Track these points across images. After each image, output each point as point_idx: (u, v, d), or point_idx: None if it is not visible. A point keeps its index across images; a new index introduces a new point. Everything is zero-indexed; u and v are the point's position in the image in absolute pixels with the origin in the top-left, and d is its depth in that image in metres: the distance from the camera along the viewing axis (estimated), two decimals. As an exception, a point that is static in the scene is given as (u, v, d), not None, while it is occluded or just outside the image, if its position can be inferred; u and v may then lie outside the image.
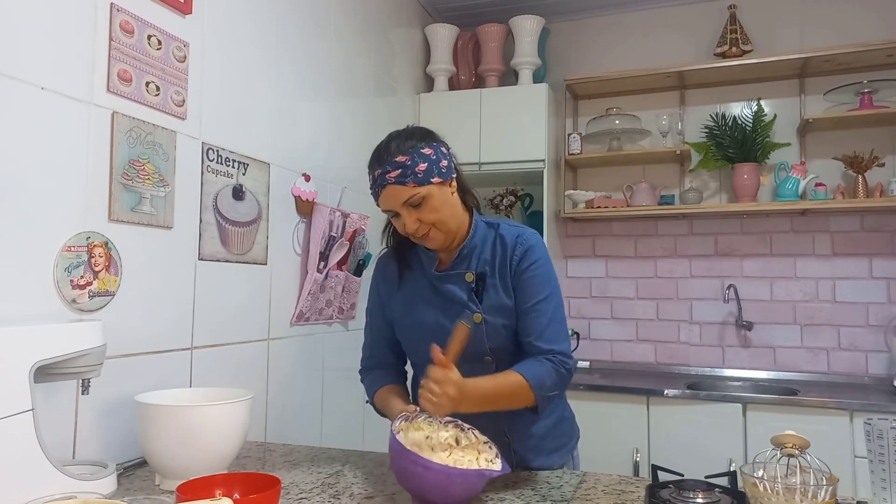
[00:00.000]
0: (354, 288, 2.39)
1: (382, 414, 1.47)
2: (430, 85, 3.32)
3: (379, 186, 1.33)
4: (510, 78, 3.26)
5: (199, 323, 1.69)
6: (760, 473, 1.02)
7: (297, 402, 2.12)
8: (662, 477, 1.21)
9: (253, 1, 1.94)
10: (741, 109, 3.12)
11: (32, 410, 1.11)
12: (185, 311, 1.66)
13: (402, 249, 1.49)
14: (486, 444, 1.21)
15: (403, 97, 3.06)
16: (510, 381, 1.29)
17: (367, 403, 1.53)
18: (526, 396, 1.30)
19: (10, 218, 1.22)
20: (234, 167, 1.83)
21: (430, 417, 1.23)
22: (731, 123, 3.06)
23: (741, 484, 1.07)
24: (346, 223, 2.31)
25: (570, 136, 3.23)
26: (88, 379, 1.27)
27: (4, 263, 1.21)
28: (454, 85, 3.36)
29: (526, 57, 3.17)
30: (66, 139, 1.33)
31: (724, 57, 3.05)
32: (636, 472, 2.63)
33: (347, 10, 2.50)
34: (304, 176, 2.14)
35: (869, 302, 2.94)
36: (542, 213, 3.05)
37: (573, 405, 1.59)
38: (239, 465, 1.42)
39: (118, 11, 1.45)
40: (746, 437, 2.53)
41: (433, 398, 1.18)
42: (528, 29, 3.17)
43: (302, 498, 1.18)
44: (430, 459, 1.09)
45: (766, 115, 3.04)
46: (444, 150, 1.37)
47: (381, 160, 1.32)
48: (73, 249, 1.33)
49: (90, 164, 1.39)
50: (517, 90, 3.13)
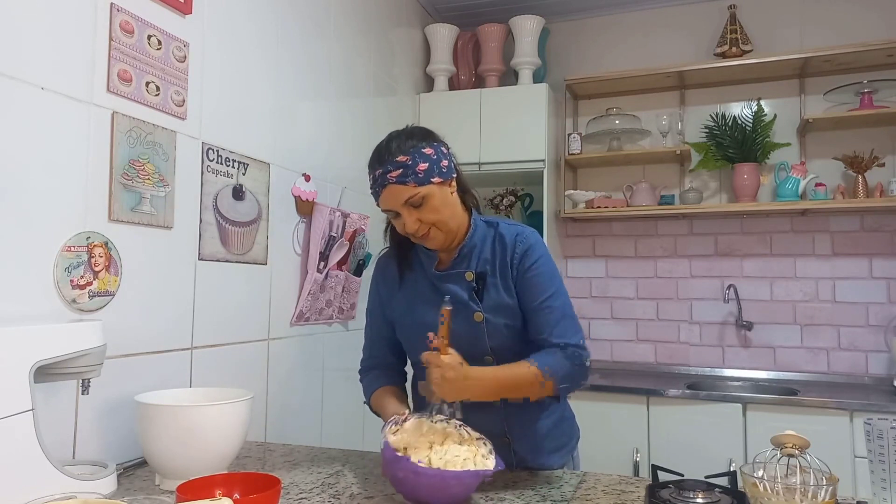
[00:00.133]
0: (354, 288, 2.39)
1: (378, 415, 1.47)
2: (430, 85, 3.32)
3: (379, 186, 1.33)
4: (510, 78, 3.26)
5: (199, 323, 1.69)
6: (760, 473, 1.02)
7: (297, 402, 2.12)
8: (662, 477, 1.21)
9: (253, 1, 1.94)
10: (741, 109, 3.12)
11: (32, 410, 1.11)
12: (185, 311, 1.66)
13: (402, 249, 1.49)
14: (479, 440, 1.20)
15: (403, 97, 3.06)
16: (521, 369, 1.30)
17: (364, 404, 1.54)
18: (537, 385, 1.29)
19: (10, 218, 1.22)
20: (234, 167, 1.83)
21: (421, 417, 1.23)
22: (731, 123, 3.06)
23: (741, 484, 1.07)
24: (346, 223, 2.31)
25: (570, 136, 3.23)
26: (88, 379, 1.27)
27: (4, 263, 1.21)
28: (454, 85, 3.36)
29: (526, 57, 3.17)
30: (66, 139, 1.33)
31: (724, 57, 3.05)
32: (636, 472, 2.63)
33: (347, 10, 2.50)
34: (304, 176, 2.14)
35: (869, 302, 2.95)
36: (542, 213, 3.05)
37: (573, 405, 1.59)
38: (239, 465, 1.42)
39: (118, 11, 1.45)
40: (746, 437, 2.53)
41: (432, 383, 1.21)
42: (528, 29, 3.17)
43: (302, 498, 1.18)
44: (421, 464, 1.09)
45: (766, 115, 3.04)
46: (444, 149, 1.37)
47: (381, 160, 1.32)
48: (73, 249, 1.33)
49: (90, 164, 1.39)
50: (517, 90, 3.13)
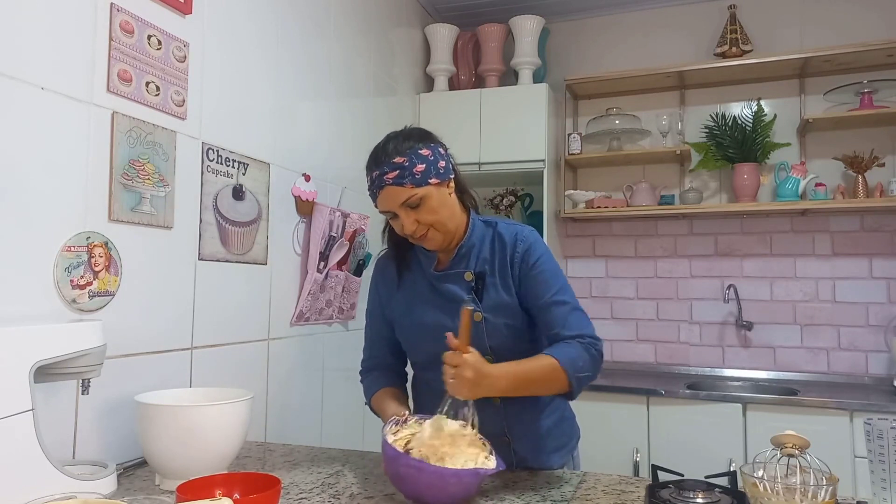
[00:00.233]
0: (354, 288, 2.39)
1: (378, 416, 1.47)
2: (430, 85, 3.32)
3: (377, 188, 1.33)
4: (510, 78, 3.26)
5: (199, 323, 1.69)
6: (760, 473, 1.02)
7: (297, 402, 2.12)
8: (662, 477, 1.21)
9: (253, 1, 1.94)
10: (741, 109, 3.12)
11: (32, 410, 1.11)
12: (185, 311, 1.66)
13: (400, 250, 1.49)
14: (480, 440, 1.20)
15: (403, 97, 3.06)
16: (541, 363, 1.27)
17: (365, 405, 1.54)
18: (558, 379, 1.27)
19: (10, 218, 1.22)
20: (234, 167, 1.83)
21: (421, 419, 1.23)
22: (731, 123, 3.06)
23: (741, 484, 1.07)
24: (346, 223, 2.31)
25: (570, 136, 3.23)
26: (88, 379, 1.27)
27: (4, 263, 1.21)
28: (454, 85, 3.36)
29: (526, 57, 3.17)
30: (66, 139, 1.33)
31: (724, 57, 3.05)
32: (636, 472, 2.63)
33: (347, 10, 2.50)
34: (304, 176, 2.14)
35: (869, 302, 2.94)
36: (542, 213, 3.05)
37: (573, 405, 1.59)
38: (239, 465, 1.42)
39: (118, 11, 1.45)
40: (746, 437, 2.53)
41: (451, 381, 1.19)
42: (528, 29, 3.17)
43: (302, 498, 1.18)
44: (423, 461, 1.09)
45: (766, 115, 3.04)
46: (441, 150, 1.37)
47: (378, 161, 1.32)
48: (73, 249, 1.33)
49: (90, 164, 1.39)
50: (517, 90, 3.13)
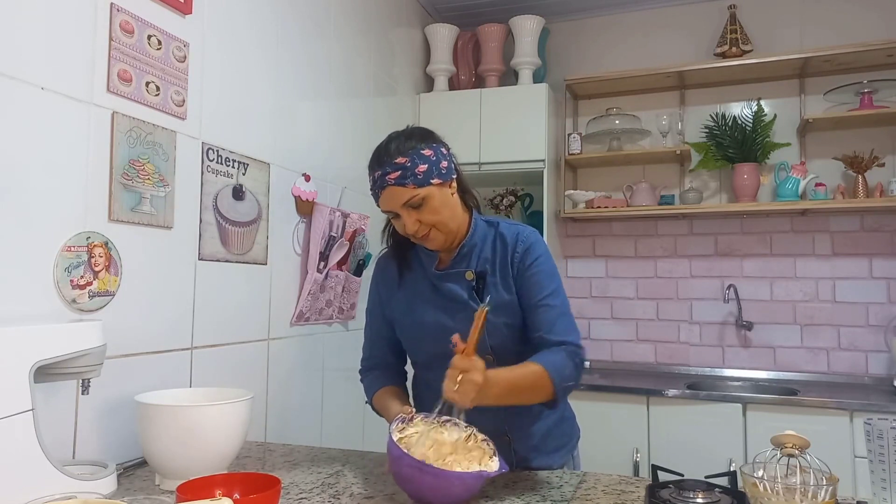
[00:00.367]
0: (354, 288, 2.39)
1: (381, 415, 1.47)
2: (430, 85, 3.32)
3: (379, 188, 1.33)
4: (510, 78, 3.26)
5: (199, 323, 1.69)
6: (760, 473, 1.02)
7: (297, 402, 2.12)
8: (662, 477, 1.21)
9: (253, 1, 1.94)
10: (741, 109, 3.12)
11: (32, 410, 1.11)
12: (185, 311, 1.66)
13: (401, 249, 1.49)
14: (484, 441, 1.20)
15: (403, 97, 3.06)
16: (530, 371, 1.27)
17: (366, 404, 1.54)
18: (545, 387, 1.27)
19: (10, 218, 1.22)
20: (234, 167, 1.83)
21: (427, 417, 1.23)
22: (731, 123, 3.06)
23: (741, 484, 1.07)
24: (346, 223, 2.31)
25: (570, 136, 3.23)
26: (88, 379, 1.27)
27: (4, 263, 1.21)
28: (454, 85, 3.36)
29: (526, 57, 3.17)
30: (66, 139, 1.33)
31: (724, 57, 3.05)
32: (636, 472, 2.63)
33: (347, 10, 2.50)
34: (304, 176, 2.14)
35: (869, 302, 2.94)
36: (542, 213, 3.05)
37: (573, 405, 1.59)
38: (239, 465, 1.42)
39: (118, 11, 1.45)
40: (746, 437, 2.53)
41: (456, 386, 1.15)
42: (528, 29, 3.17)
43: (302, 498, 1.18)
44: (427, 463, 1.09)
45: (766, 115, 3.04)
46: (443, 150, 1.37)
47: (380, 161, 1.32)
48: (73, 249, 1.33)
49: (90, 164, 1.39)
50: (517, 90, 3.13)
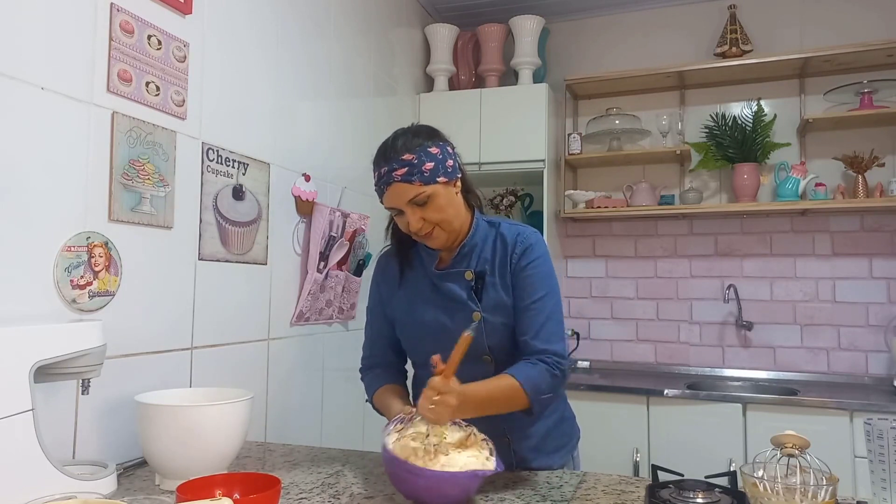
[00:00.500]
0: (354, 288, 2.39)
1: (382, 413, 1.47)
2: (430, 85, 3.32)
3: (384, 184, 1.32)
4: (510, 78, 3.26)
5: (199, 323, 1.69)
6: (760, 473, 1.02)
7: (297, 402, 2.12)
8: (662, 477, 1.21)
9: (253, 1, 1.94)
10: (741, 109, 3.12)
11: (32, 410, 1.11)
12: (185, 311, 1.66)
13: (403, 247, 1.48)
14: (483, 440, 1.20)
15: (403, 97, 3.06)
16: (505, 384, 1.27)
17: (366, 402, 1.54)
18: (520, 400, 1.28)
19: (10, 218, 1.22)
20: (234, 167, 1.83)
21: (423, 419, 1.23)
22: (731, 123, 3.06)
23: (741, 484, 1.07)
24: (346, 223, 2.31)
25: (570, 136, 3.23)
26: (88, 379, 1.27)
27: (4, 263, 1.21)
28: (454, 85, 3.36)
29: (526, 57, 3.17)
30: (66, 139, 1.33)
31: (724, 57, 3.05)
32: (636, 472, 2.63)
33: (347, 10, 2.50)
34: (304, 176, 2.14)
35: (869, 302, 2.94)
36: (542, 213, 3.05)
37: (573, 405, 1.59)
38: (239, 465, 1.42)
39: (118, 11, 1.45)
40: (746, 437, 2.53)
41: (431, 406, 1.16)
42: (528, 29, 3.17)
43: (302, 498, 1.18)
44: (418, 466, 1.09)
45: (766, 115, 3.04)
46: (449, 149, 1.36)
47: (387, 157, 1.31)
48: (73, 249, 1.33)
49: (90, 164, 1.39)
50: (517, 90, 3.13)
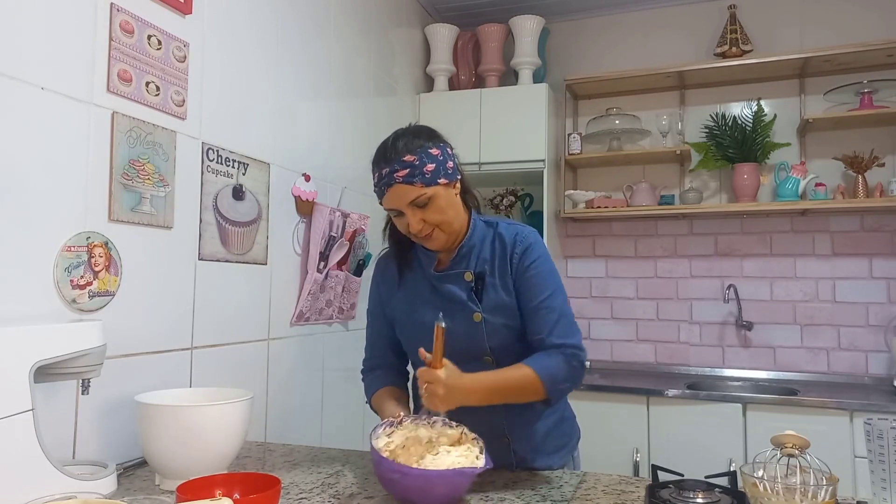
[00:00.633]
0: (354, 288, 2.39)
1: (378, 415, 1.47)
2: (430, 85, 3.32)
3: (385, 185, 1.32)
4: (510, 78, 3.26)
5: (199, 323, 1.69)
6: (760, 473, 1.02)
7: (297, 402, 2.12)
8: (662, 477, 1.21)
9: (253, 1, 1.94)
10: (741, 109, 3.12)
11: (32, 410, 1.11)
12: (185, 311, 1.66)
13: (402, 248, 1.48)
14: (474, 439, 1.20)
15: (403, 97, 3.06)
16: (518, 373, 1.29)
17: (366, 403, 1.54)
18: (535, 388, 1.28)
19: (10, 218, 1.22)
20: (234, 167, 1.83)
21: (416, 419, 1.24)
22: (731, 123, 3.06)
23: (741, 484, 1.07)
24: (346, 223, 2.31)
25: (570, 136, 3.23)
26: (88, 379, 1.27)
27: (4, 263, 1.21)
28: (454, 85, 3.36)
29: (526, 57, 3.17)
30: (66, 139, 1.33)
31: (724, 57, 3.05)
32: (636, 472, 2.63)
33: (347, 10, 2.50)
34: (304, 176, 2.14)
35: (869, 302, 2.94)
36: (542, 213, 3.05)
37: (573, 405, 1.59)
38: (239, 465, 1.42)
39: (118, 11, 1.45)
40: (746, 437, 2.53)
41: (426, 397, 1.22)
42: (528, 29, 3.17)
43: (302, 498, 1.18)
44: (405, 465, 1.10)
45: (766, 115, 3.04)
46: (449, 150, 1.37)
47: (388, 158, 1.31)
48: (73, 249, 1.33)
49: (90, 164, 1.39)
50: (517, 90, 3.13)
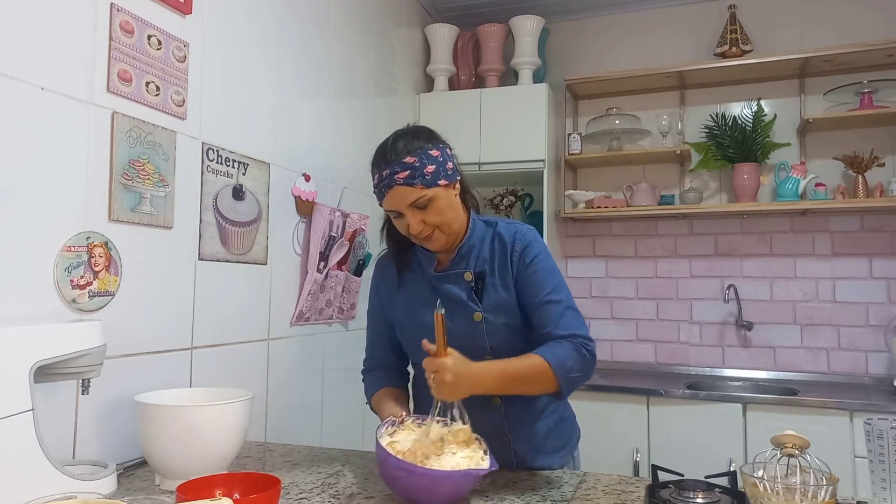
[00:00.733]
0: (354, 288, 2.39)
1: (378, 416, 1.47)
2: (430, 85, 3.31)
3: (385, 186, 1.31)
4: (510, 78, 3.26)
5: (199, 323, 1.69)
6: (760, 473, 1.02)
7: (297, 402, 2.12)
8: (662, 477, 1.21)
9: (253, 1, 1.94)
10: (741, 109, 3.12)
11: (32, 410, 1.11)
12: (185, 311, 1.66)
13: (401, 249, 1.48)
14: (476, 440, 1.20)
15: (403, 97, 3.06)
16: (531, 362, 1.27)
17: (366, 404, 1.54)
18: (547, 377, 1.26)
19: (10, 218, 1.22)
20: (234, 167, 1.83)
21: (417, 419, 1.23)
22: (731, 123, 3.06)
23: (741, 484, 1.07)
24: (346, 223, 2.31)
25: (570, 136, 3.23)
26: (88, 379, 1.27)
27: (4, 263, 1.21)
28: (454, 85, 3.36)
29: (526, 57, 3.17)
30: (66, 139, 1.33)
31: (724, 57, 3.05)
32: (636, 472, 2.63)
33: (347, 10, 2.50)
34: (304, 176, 2.14)
35: (869, 302, 2.94)
36: (542, 213, 3.05)
37: (573, 405, 1.59)
38: (239, 465, 1.42)
39: (118, 11, 1.45)
40: (746, 437, 2.53)
41: (434, 386, 1.19)
42: (528, 29, 3.17)
43: (302, 498, 1.18)
44: (412, 463, 1.10)
45: (766, 115, 3.04)
46: (448, 151, 1.37)
47: (388, 160, 1.31)
48: (73, 249, 1.33)
49: (90, 164, 1.39)
50: (517, 90, 3.13)
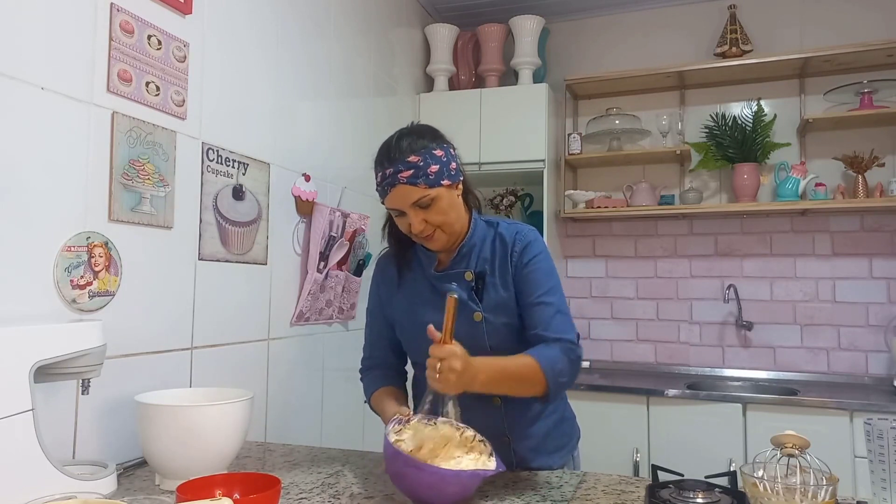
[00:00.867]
0: (354, 288, 2.39)
1: (378, 415, 1.47)
2: (430, 85, 3.32)
3: (388, 185, 1.31)
4: (510, 78, 3.26)
5: (199, 323, 1.69)
6: (760, 473, 1.02)
7: (297, 402, 2.12)
8: (662, 477, 1.21)
9: (253, 1, 1.94)
10: (741, 109, 3.12)
11: (32, 410, 1.11)
12: (185, 311, 1.66)
13: (402, 247, 1.48)
14: (481, 442, 1.20)
15: (403, 97, 3.06)
16: (522, 362, 1.27)
17: (365, 403, 1.54)
18: (537, 379, 1.26)
19: (10, 218, 1.22)
20: (234, 167, 1.83)
21: (424, 419, 1.23)
22: (731, 123, 3.06)
23: (741, 484, 1.07)
24: (346, 223, 2.31)
25: (570, 136, 3.23)
26: (88, 379, 1.27)
27: (4, 263, 1.21)
28: (454, 85, 3.36)
29: (526, 57, 3.17)
30: (66, 139, 1.33)
31: (724, 57, 3.05)
32: (636, 472, 2.63)
33: (347, 10, 2.50)
34: (304, 176, 2.14)
35: (869, 302, 2.94)
36: (542, 213, 3.05)
37: (573, 405, 1.59)
38: (239, 465, 1.42)
39: (118, 11, 1.45)
40: (746, 437, 2.53)
41: (438, 375, 1.16)
42: (528, 29, 3.17)
43: (302, 498, 1.18)
44: (423, 461, 1.09)
45: (766, 115, 3.04)
46: (452, 151, 1.36)
47: (392, 158, 1.30)
48: (73, 249, 1.33)
49: (90, 164, 1.39)
50: (517, 90, 3.13)
